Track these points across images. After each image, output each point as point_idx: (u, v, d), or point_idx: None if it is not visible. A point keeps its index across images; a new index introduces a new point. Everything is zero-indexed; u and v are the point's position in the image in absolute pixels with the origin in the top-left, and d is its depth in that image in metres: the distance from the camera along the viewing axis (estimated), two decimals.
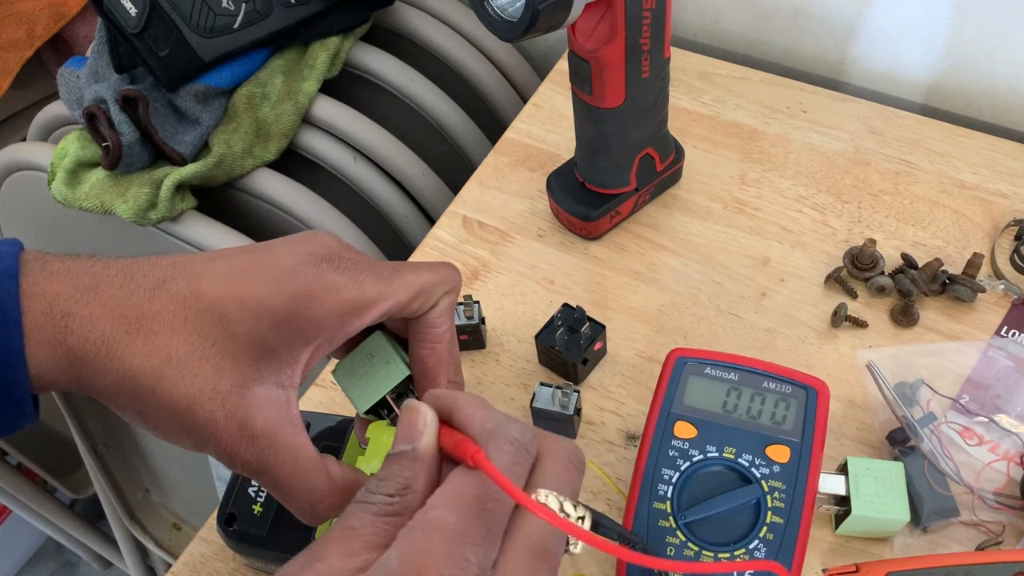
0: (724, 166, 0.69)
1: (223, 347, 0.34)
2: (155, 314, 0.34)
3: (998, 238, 0.62)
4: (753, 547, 0.44)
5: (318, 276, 0.36)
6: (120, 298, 0.34)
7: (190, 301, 0.34)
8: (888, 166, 0.68)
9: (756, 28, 0.77)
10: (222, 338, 0.34)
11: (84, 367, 0.34)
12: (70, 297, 0.34)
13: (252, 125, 0.71)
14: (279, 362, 0.35)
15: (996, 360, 0.56)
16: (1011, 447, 0.52)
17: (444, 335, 0.41)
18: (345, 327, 0.36)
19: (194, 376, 0.34)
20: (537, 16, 0.47)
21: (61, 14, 0.85)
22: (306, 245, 0.37)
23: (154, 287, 0.34)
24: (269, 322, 0.34)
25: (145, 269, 0.35)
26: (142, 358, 0.33)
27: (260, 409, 0.34)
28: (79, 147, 0.70)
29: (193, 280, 0.35)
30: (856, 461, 0.49)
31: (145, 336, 0.34)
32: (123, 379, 0.34)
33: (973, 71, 0.70)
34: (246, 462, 0.35)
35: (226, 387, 0.34)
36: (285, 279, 0.35)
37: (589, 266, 0.64)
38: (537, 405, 0.52)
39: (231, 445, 0.34)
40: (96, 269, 0.35)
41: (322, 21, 0.74)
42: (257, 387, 0.34)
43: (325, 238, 0.38)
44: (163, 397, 0.34)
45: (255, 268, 0.36)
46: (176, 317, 0.34)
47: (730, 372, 0.50)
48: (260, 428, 0.34)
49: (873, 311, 0.60)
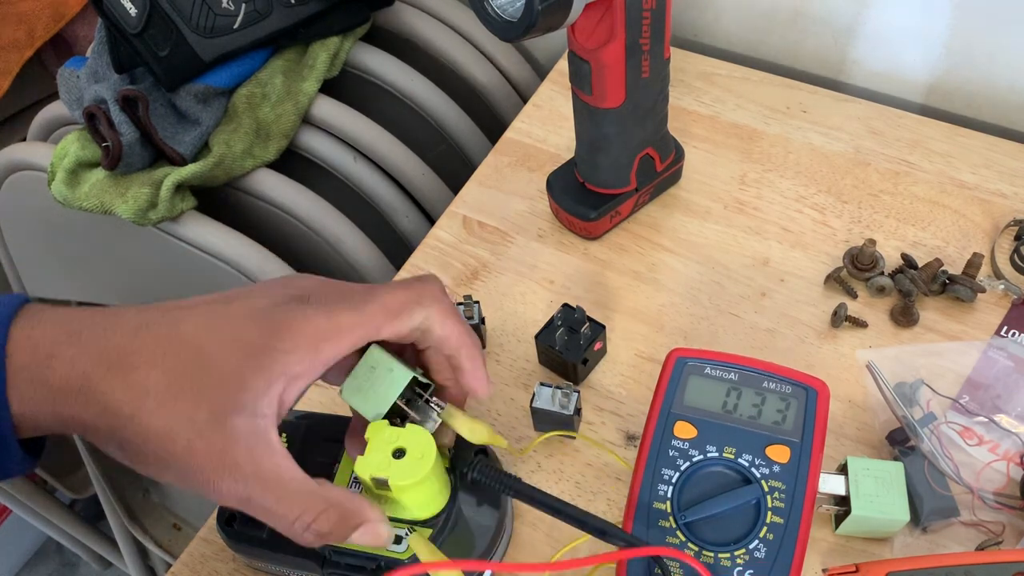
0: (724, 166, 0.69)
1: (200, 379, 0.35)
2: (135, 352, 0.35)
3: (998, 238, 0.62)
4: (753, 547, 0.44)
5: (291, 310, 0.37)
6: (102, 340, 0.36)
7: (170, 339, 0.36)
8: (888, 166, 0.68)
9: (756, 28, 0.77)
10: (199, 371, 0.35)
11: (66, 404, 0.35)
12: (54, 340, 0.35)
13: (252, 125, 0.71)
14: (256, 393, 0.36)
15: (996, 360, 0.56)
16: (1011, 447, 0.52)
17: (448, 340, 0.41)
18: (320, 355, 0.37)
19: (171, 407, 0.35)
20: (537, 16, 0.47)
21: (61, 14, 0.85)
22: (284, 288, 0.39)
23: (136, 329, 0.36)
24: (244, 354, 0.36)
25: (130, 314, 0.37)
26: (121, 391, 0.35)
27: (241, 439, 0.35)
28: (79, 147, 0.70)
29: (173, 323, 0.37)
30: (856, 461, 0.49)
31: (124, 372, 0.35)
32: (103, 413, 0.35)
33: (973, 71, 0.70)
34: (231, 492, 0.35)
35: (203, 418, 0.35)
36: (259, 315, 0.37)
37: (589, 266, 0.64)
38: (537, 405, 0.52)
39: (212, 475, 0.35)
40: (83, 315, 0.37)
41: (322, 21, 0.74)
42: (235, 417, 0.35)
43: (303, 281, 0.40)
44: (141, 429, 0.35)
45: (232, 308, 0.38)
46: (155, 354, 0.36)
47: (730, 372, 0.50)
48: (242, 458, 0.35)
49: (873, 311, 0.60)
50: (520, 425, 0.56)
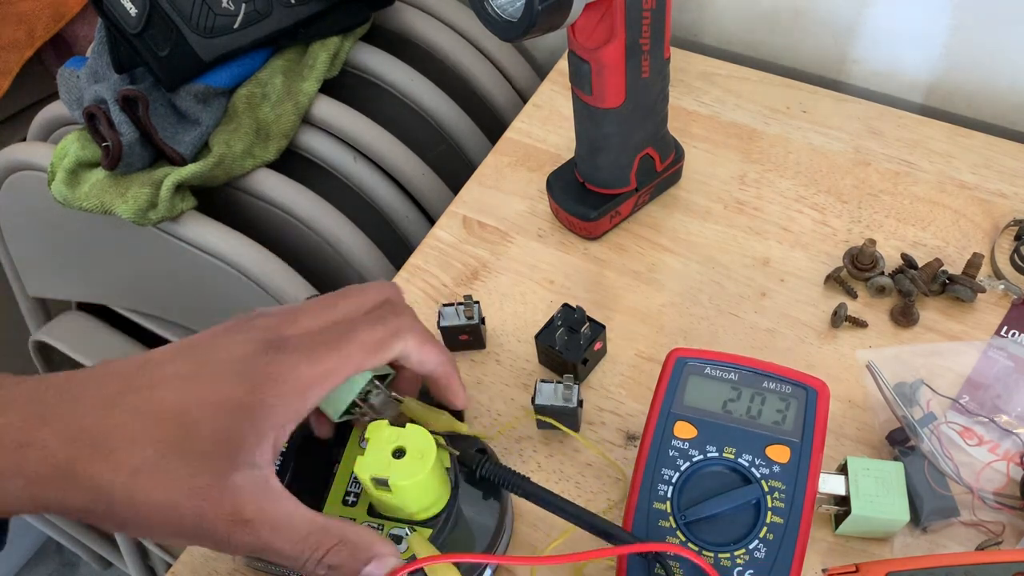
0: (724, 166, 0.69)
1: (191, 447, 0.35)
2: (111, 431, 0.35)
3: (998, 238, 0.62)
4: (753, 547, 0.44)
5: (273, 361, 0.37)
6: (71, 422, 0.35)
7: (147, 411, 0.35)
8: (888, 166, 0.68)
9: (756, 28, 0.77)
10: (188, 438, 0.35)
11: (49, 491, 0.34)
12: (21, 427, 0.34)
13: (252, 125, 0.71)
14: (250, 448, 0.36)
15: (996, 360, 0.56)
16: (1011, 447, 0.52)
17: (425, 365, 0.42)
18: (308, 401, 0.37)
19: (167, 480, 0.34)
20: (537, 16, 0.47)
21: (61, 14, 0.85)
22: (246, 332, 0.38)
23: (104, 406, 0.35)
24: (232, 413, 0.36)
25: (91, 388, 0.36)
26: (110, 473, 0.34)
27: (246, 494, 0.35)
28: (79, 147, 0.70)
29: (145, 391, 0.36)
30: (856, 461, 0.49)
31: (105, 454, 0.34)
32: (95, 497, 0.34)
33: (973, 71, 0.70)
34: (246, 545, 0.36)
35: (205, 482, 0.35)
36: (242, 371, 0.36)
37: (589, 266, 0.64)
38: (540, 402, 0.52)
39: (226, 534, 0.35)
40: (40, 394, 0.35)
41: (322, 21, 0.75)
42: (236, 475, 0.35)
43: (259, 319, 0.39)
44: (141, 506, 0.34)
45: (208, 367, 0.37)
46: (135, 430, 0.35)
47: (730, 372, 0.50)
48: (251, 512, 0.35)
49: (873, 311, 0.60)
50: (520, 425, 0.56)
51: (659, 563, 0.43)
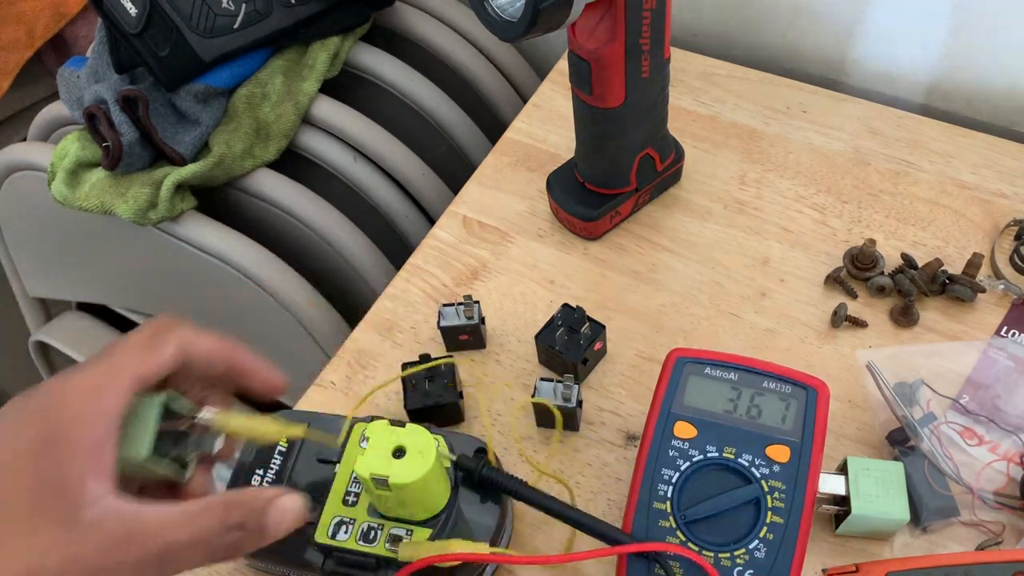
0: (724, 166, 0.69)
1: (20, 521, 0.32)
2: None
3: (998, 238, 0.62)
4: (753, 547, 0.44)
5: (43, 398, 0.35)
6: None
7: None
8: (888, 166, 0.68)
9: (756, 28, 0.78)
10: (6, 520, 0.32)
11: None
12: None
13: (252, 125, 0.72)
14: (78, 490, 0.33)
15: (996, 360, 0.56)
16: (1011, 447, 0.52)
17: (217, 352, 0.39)
18: (104, 402, 0.35)
19: (18, 558, 0.31)
20: (537, 16, 0.47)
21: (61, 14, 0.85)
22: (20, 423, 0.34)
23: None
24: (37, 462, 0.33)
25: None
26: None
27: (111, 528, 0.33)
28: (79, 147, 0.70)
29: None
30: (856, 461, 0.49)
31: None
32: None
33: (972, 71, 0.70)
34: (140, 560, 0.34)
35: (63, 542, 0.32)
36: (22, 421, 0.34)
37: (589, 266, 0.64)
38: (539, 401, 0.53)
39: (127, 570, 0.33)
40: None
41: (322, 21, 0.75)
42: (86, 518, 0.33)
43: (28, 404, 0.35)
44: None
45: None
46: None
47: (730, 372, 0.50)
48: (124, 540, 0.33)
49: (873, 311, 0.60)
50: (521, 425, 0.56)
51: (659, 563, 0.43)
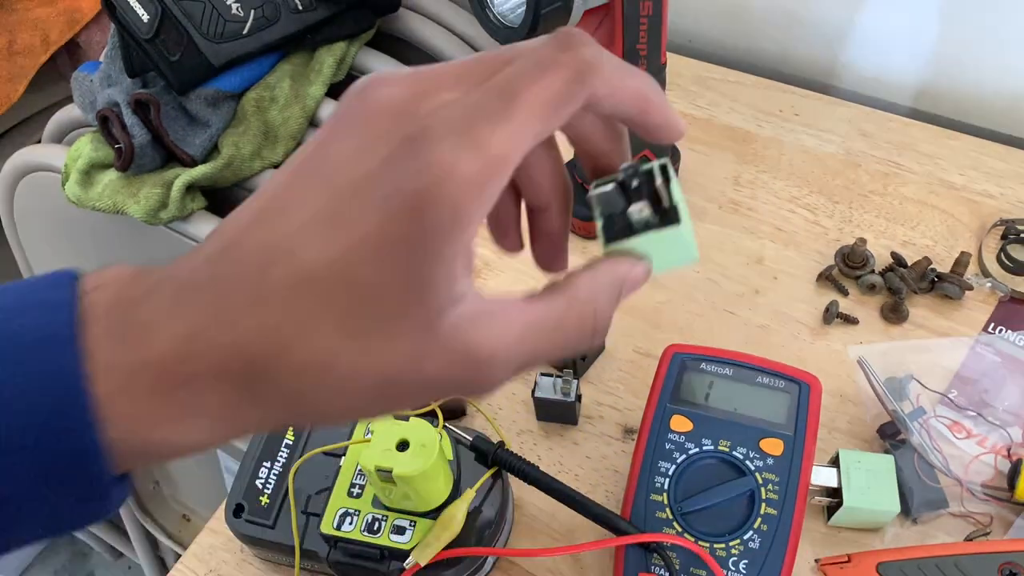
0: (719, 168, 0.70)
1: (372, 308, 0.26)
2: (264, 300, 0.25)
3: (985, 237, 0.63)
4: (748, 537, 0.45)
5: (418, 165, 0.25)
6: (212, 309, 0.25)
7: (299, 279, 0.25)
8: (878, 168, 0.69)
9: (750, 34, 0.79)
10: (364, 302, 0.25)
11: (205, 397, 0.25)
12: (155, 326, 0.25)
13: (260, 128, 0.73)
14: (439, 285, 0.26)
15: (984, 356, 0.57)
16: (998, 440, 0.52)
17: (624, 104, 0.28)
18: (484, 204, 0.25)
19: (369, 349, 0.26)
20: (538, 22, 0.47)
21: (75, 20, 0.86)
22: (366, 127, 0.27)
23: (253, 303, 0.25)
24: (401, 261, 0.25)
25: (200, 262, 0.26)
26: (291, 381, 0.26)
27: (468, 333, 0.26)
28: (92, 149, 0.71)
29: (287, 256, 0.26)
30: (848, 454, 0.50)
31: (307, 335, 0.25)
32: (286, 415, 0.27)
33: (960, 75, 0.71)
34: (507, 371, 0.27)
35: (416, 342, 0.26)
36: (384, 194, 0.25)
37: None
38: (539, 395, 0.54)
39: (481, 381, 0.27)
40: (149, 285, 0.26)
41: (329, 27, 0.75)
42: (444, 321, 0.26)
43: (378, 98, 0.27)
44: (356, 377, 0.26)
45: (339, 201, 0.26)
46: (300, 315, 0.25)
47: (725, 367, 0.50)
48: (486, 344, 0.27)
49: (864, 308, 0.61)
50: (521, 419, 0.58)
51: (656, 553, 0.44)
